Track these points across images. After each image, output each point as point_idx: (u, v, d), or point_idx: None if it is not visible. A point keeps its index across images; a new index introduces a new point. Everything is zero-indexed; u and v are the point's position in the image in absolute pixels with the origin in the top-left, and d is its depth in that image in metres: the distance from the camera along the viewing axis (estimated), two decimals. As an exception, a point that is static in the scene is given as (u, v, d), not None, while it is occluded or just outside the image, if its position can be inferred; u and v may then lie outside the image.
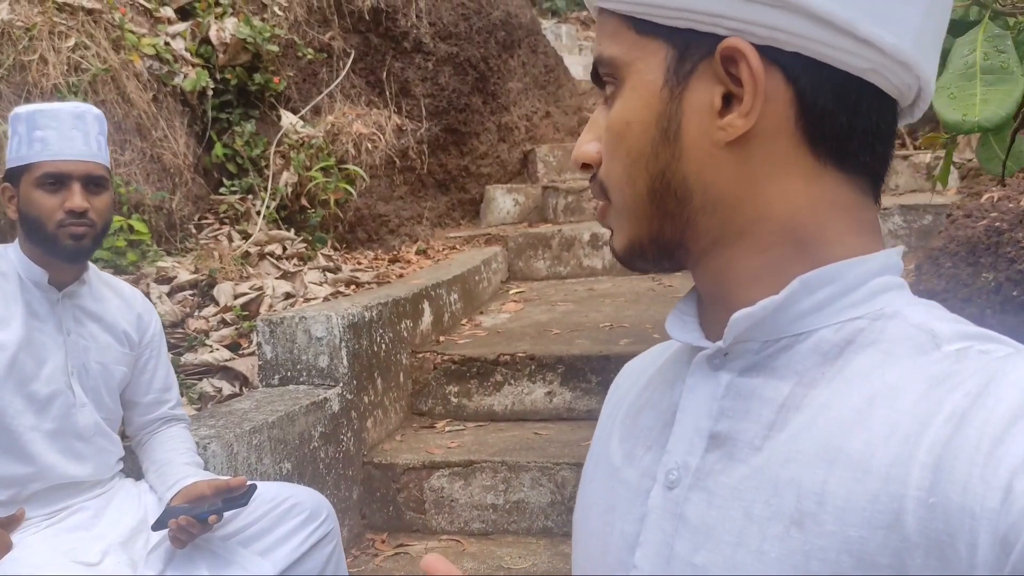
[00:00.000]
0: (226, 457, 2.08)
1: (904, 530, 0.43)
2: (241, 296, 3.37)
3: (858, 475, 0.45)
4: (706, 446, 0.54)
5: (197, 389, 2.78)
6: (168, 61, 3.98)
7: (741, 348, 0.54)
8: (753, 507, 0.49)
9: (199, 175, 4.04)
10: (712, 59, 0.52)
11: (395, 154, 4.31)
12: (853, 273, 0.52)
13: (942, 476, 0.42)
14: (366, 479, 2.68)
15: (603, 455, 0.65)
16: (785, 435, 0.50)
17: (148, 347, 1.90)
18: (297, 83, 4.34)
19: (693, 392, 0.56)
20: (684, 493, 0.54)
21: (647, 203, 0.55)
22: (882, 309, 0.52)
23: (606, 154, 0.58)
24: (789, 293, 0.52)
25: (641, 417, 0.62)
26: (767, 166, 0.52)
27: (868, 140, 0.53)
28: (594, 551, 0.61)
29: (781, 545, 0.47)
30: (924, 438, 0.44)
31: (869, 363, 0.50)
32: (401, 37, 4.50)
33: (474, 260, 3.94)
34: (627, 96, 0.55)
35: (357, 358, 2.69)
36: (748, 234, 0.54)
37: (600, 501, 0.62)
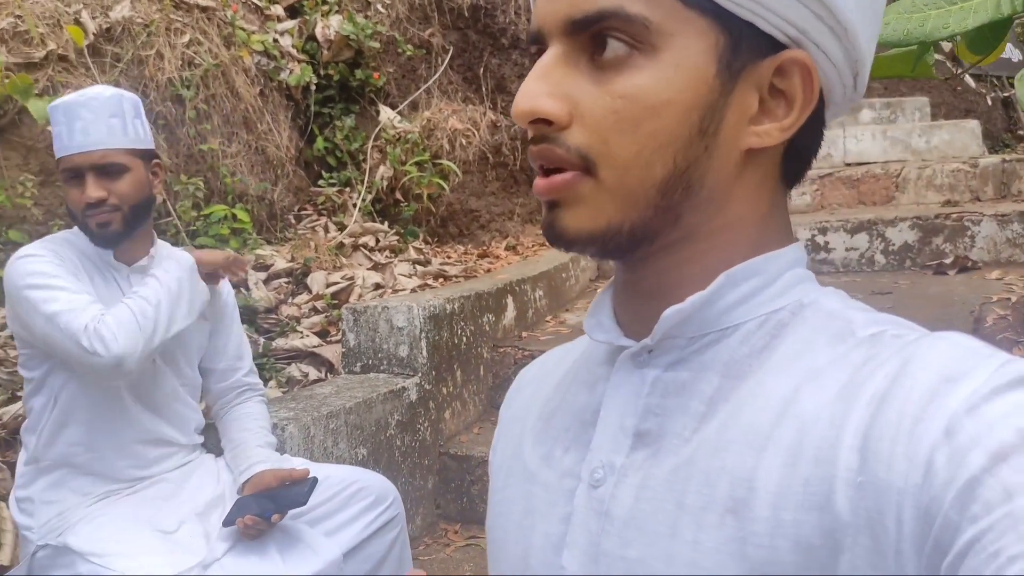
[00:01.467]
0: (303, 440, 2.15)
1: (835, 510, 0.44)
2: (333, 285, 3.47)
3: (789, 460, 0.46)
4: (632, 443, 0.53)
5: (285, 373, 2.89)
6: (275, 57, 4.13)
7: (667, 344, 0.54)
8: (685, 497, 0.49)
9: (300, 167, 4.18)
10: (761, 61, 0.51)
11: (489, 150, 4.36)
12: (772, 266, 0.54)
13: (868, 456, 0.44)
14: (442, 469, 2.72)
15: (514, 461, 0.63)
16: (714, 425, 0.50)
17: (221, 313, 1.98)
18: (396, 79, 4.44)
19: (617, 390, 0.56)
20: (610, 491, 0.53)
21: (655, 192, 0.51)
22: (800, 299, 0.53)
23: (615, 125, 0.50)
24: (716, 287, 0.52)
25: (555, 420, 0.61)
26: (755, 176, 0.54)
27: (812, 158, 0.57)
28: (513, 556, 0.60)
29: (717, 533, 0.47)
30: (849, 420, 0.45)
31: (792, 352, 0.51)
32: (499, 34, 4.54)
33: (562, 257, 3.94)
34: (667, 70, 0.50)
35: (437, 349, 2.73)
36: (718, 235, 0.54)
37: (517, 507, 0.60)
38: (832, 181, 4.61)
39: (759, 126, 0.52)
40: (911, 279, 3.77)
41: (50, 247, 1.73)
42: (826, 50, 0.52)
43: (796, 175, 0.57)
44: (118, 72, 3.50)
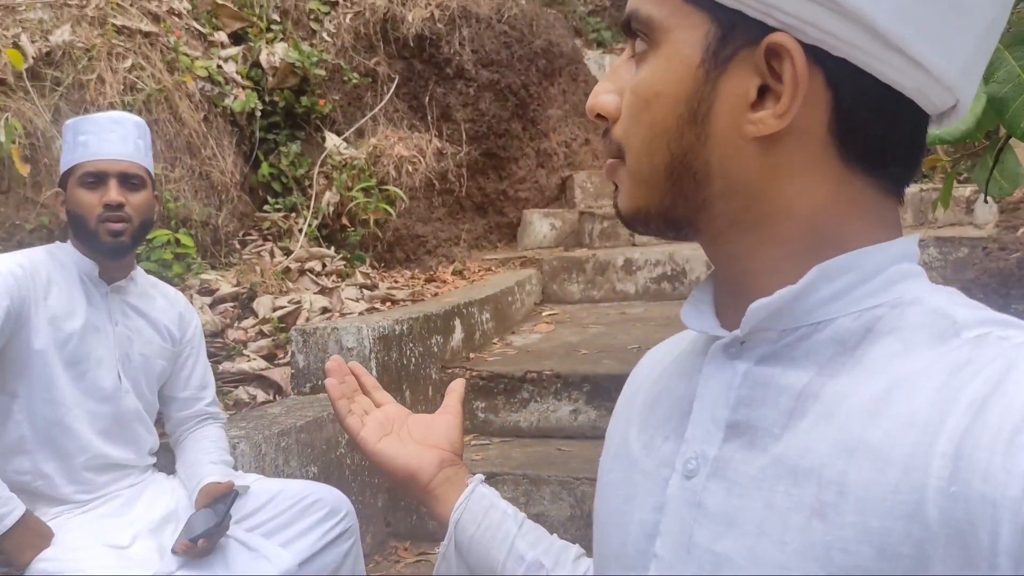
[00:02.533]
0: (254, 457, 2.15)
1: (925, 520, 0.42)
2: (279, 309, 3.47)
3: (878, 465, 0.45)
4: (724, 435, 0.54)
5: (233, 396, 2.88)
6: (220, 83, 4.14)
7: (759, 337, 0.54)
8: (774, 497, 0.49)
9: (245, 193, 4.18)
10: (755, 48, 0.50)
11: (435, 177, 4.42)
12: (871, 261, 0.52)
13: (963, 465, 0.42)
14: (391, 488, 2.73)
15: (621, 445, 0.65)
16: (804, 424, 0.49)
17: (188, 344, 2.01)
18: (342, 106, 4.48)
19: (709, 381, 0.56)
20: (703, 482, 0.53)
21: (663, 178, 0.54)
22: (900, 296, 0.51)
23: (627, 116, 0.56)
24: (807, 283, 0.51)
25: (657, 407, 0.62)
26: (792, 163, 0.52)
27: (900, 152, 0.53)
28: (614, 540, 0.61)
29: (802, 536, 0.47)
30: (944, 427, 0.43)
31: (888, 351, 0.49)
32: (444, 63, 4.62)
33: (508, 281, 4.00)
34: (659, 64, 0.53)
35: (386, 370, 2.76)
36: (765, 225, 0.53)
37: (619, 491, 0.62)
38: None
39: (756, 113, 0.51)
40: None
41: (17, 261, 1.73)
42: (832, 31, 0.49)
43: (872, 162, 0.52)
44: (58, 96, 3.48)
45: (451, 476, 0.79)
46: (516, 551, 0.76)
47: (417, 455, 0.79)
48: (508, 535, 0.76)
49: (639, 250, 4.46)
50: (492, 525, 0.76)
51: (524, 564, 0.75)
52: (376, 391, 0.87)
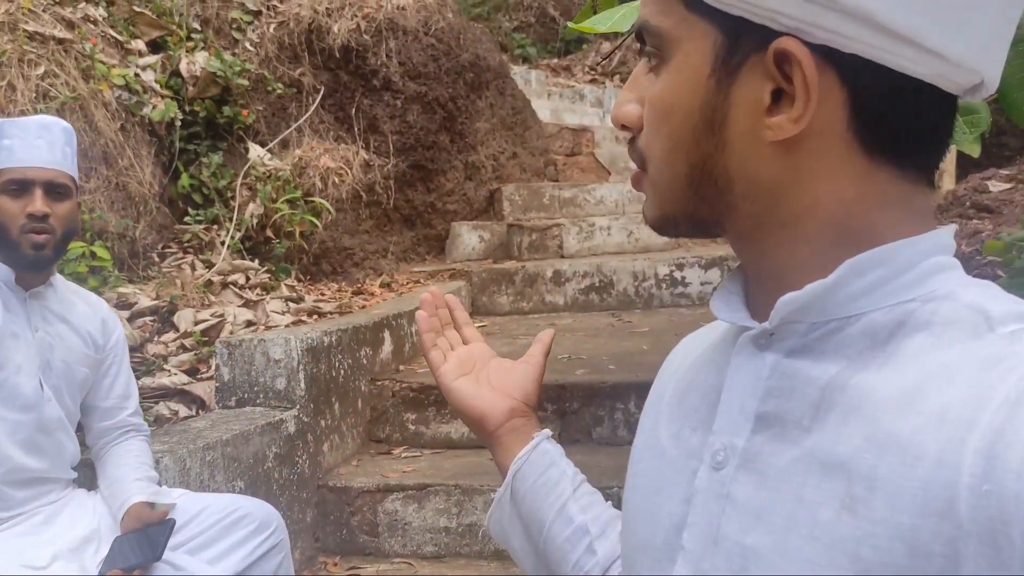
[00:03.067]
0: (178, 472, 2.08)
1: (957, 518, 0.42)
2: (202, 323, 3.38)
3: (909, 460, 0.44)
4: (753, 427, 0.53)
5: (154, 412, 2.78)
6: (137, 92, 4.03)
7: (788, 329, 0.53)
8: (804, 490, 0.48)
9: (164, 204, 4.06)
10: (763, 54, 0.50)
11: (362, 189, 4.37)
12: (903, 255, 0.51)
13: (996, 463, 0.41)
14: (320, 502, 2.68)
15: (651, 436, 0.64)
16: (833, 417, 0.49)
17: (111, 351, 1.94)
18: (266, 117, 4.40)
19: (738, 372, 0.55)
20: (731, 473, 0.53)
21: (685, 187, 0.55)
22: (934, 290, 0.50)
23: (648, 127, 0.56)
24: (838, 277, 0.50)
25: (687, 398, 0.62)
26: (815, 163, 0.51)
27: (924, 139, 0.52)
28: (643, 531, 0.61)
29: (832, 530, 0.46)
30: (977, 423, 0.43)
31: (920, 346, 0.48)
32: (371, 75, 4.59)
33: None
34: (672, 76, 0.54)
35: (315, 382, 2.71)
36: (793, 224, 0.53)
37: (648, 482, 0.62)
38: (689, 220, 4.88)
39: (772, 118, 0.50)
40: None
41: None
42: (837, 30, 0.48)
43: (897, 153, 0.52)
44: (-34, 102, 3.34)
45: (519, 427, 0.81)
46: (566, 512, 0.77)
47: (489, 400, 0.81)
48: (562, 495, 0.78)
49: (567, 262, 4.50)
50: (549, 482, 0.78)
51: (572, 526, 0.77)
52: (466, 327, 0.89)
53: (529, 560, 0.81)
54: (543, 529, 0.78)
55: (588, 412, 2.85)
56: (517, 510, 0.80)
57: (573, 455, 0.83)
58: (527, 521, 0.79)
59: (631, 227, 4.85)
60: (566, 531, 0.77)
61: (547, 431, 0.82)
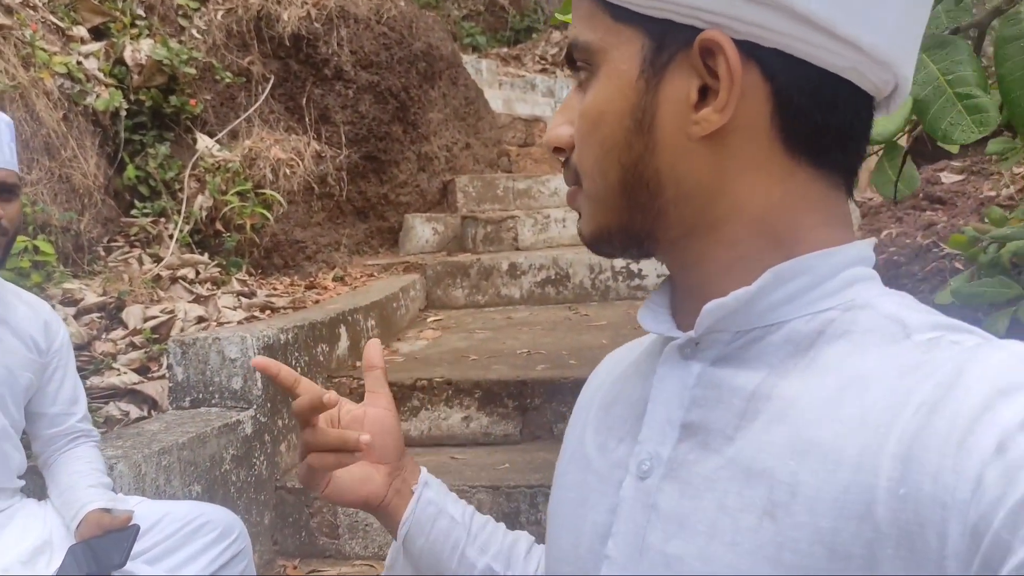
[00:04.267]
0: (133, 478, 2.02)
1: (875, 520, 0.43)
2: (151, 319, 3.29)
3: (829, 466, 0.45)
4: (678, 436, 0.54)
5: (103, 413, 2.70)
6: (80, 80, 3.90)
7: (713, 338, 0.54)
8: (726, 498, 0.49)
9: (110, 197, 3.94)
10: (689, 51, 0.51)
11: (314, 180, 4.30)
12: (825, 264, 0.52)
13: (913, 466, 0.42)
14: (278, 504, 2.63)
15: (577, 448, 0.65)
16: (757, 425, 0.50)
17: (56, 355, 1.86)
18: (214, 106, 4.30)
19: (664, 382, 0.56)
20: (656, 483, 0.54)
21: (618, 194, 0.55)
22: (853, 300, 0.52)
23: (579, 141, 0.57)
24: (761, 284, 0.52)
25: (613, 409, 0.62)
26: (741, 161, 0.52)
27: (842, 138, 0.53)
28: (566, 543, 0.61)
29: (754, 536, 0.47)
30: (895, 428, 0.44)
31: (840, 353, 0.50)
32: (322, 64, 4.51)
33: (392, 287, 3.94)
34: (602, 84, 0.55)
35: (272, 381, 2.65)
36: (720, 227, 0.54)
37: (573, 494, 0.62)
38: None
39: (699, 112, 0.51)
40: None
41: None
42: (758, 22, 0.49)
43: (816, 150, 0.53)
44: (-103, 91, 3.19)
45: (399, 487, 0.76)
46: (467, 559, 0.75)
47: (364, 479, 0.75)
48: (457, 544, 0.75)
49: (523, 254, 4.48)
50: (440, 535, 0.75)
51: (476, 572, 0.75)
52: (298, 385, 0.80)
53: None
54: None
55: (549, 408, 2.85)
56: (416, 568, 0.76)
57: (535, 451, 0.80)
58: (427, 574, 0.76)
59: (585, 219, 4.85)
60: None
61: (423, 475, 0.77)
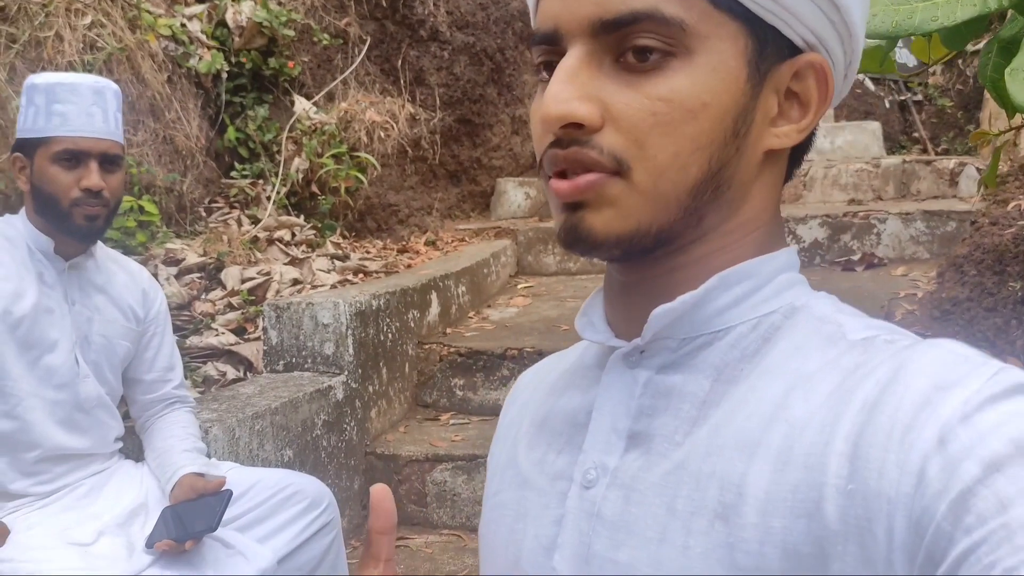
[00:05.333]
0: (227, 442, 2.05)
1: (825, 518, 0.43)
2: (248, 280, 3.35)
3: (778, 466, 0.46)
4: (625, 445, 0.53)
5: (201, 372, 2.76)
6: (184, 43, 3.96)
7: (659, 346, 0.54)
8: (676, 502, 0.49)
9: (211, 158, 4.02)
10: (781, 65, 0.52)
11: (407, 143, 4.28)
12: (766, 269, 0.53)
13: (859, 464, 0.43)
14: (368, 469, 2.65)
15: (509, 466, 0.63)
16: (706, 430, 0.50)
17: (153, 323, 1.88)
18: (311, 69, 4.31)
19: (609, 390, 0.55)
20: (602, 492, 0.53)
21: (688, 193, 0.51)
22: (792, 303, 0.53)
23: (654, 128, 0.49)
24: (708, 288, 0.52)
25: (548, 423, 0.61)
26: (771, 177, 0.55)
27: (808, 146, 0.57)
28: (505, 560, 0.59)
29: (705, 539, 0.47)
30: (840, 427, 0.45)
31: (784, 356, 0.50)
32: (417, 25, 4.46)
33: (483, 253, 3.91)
34: (702, 73, 0.50)
35: (363, 346, 2.66)
36: (730, 235, 0.54)
37: (508, 512, 0.60)
38: (744, 179, 4.73)
39: (778, 128, 0.52)
40: (822, 275, 3.89)
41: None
42: (833, 53, 0.53)
43: (797, 163, 0.58)
44: (14, 54, 3.29)
45: None
46: None
47: None
48: None
49: (617, 221, 4.38)
50: None
51: None
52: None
53: None
54: None
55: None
56: None
57: None
58: None
59: (683, 186, 4.71)
60: None
61: None
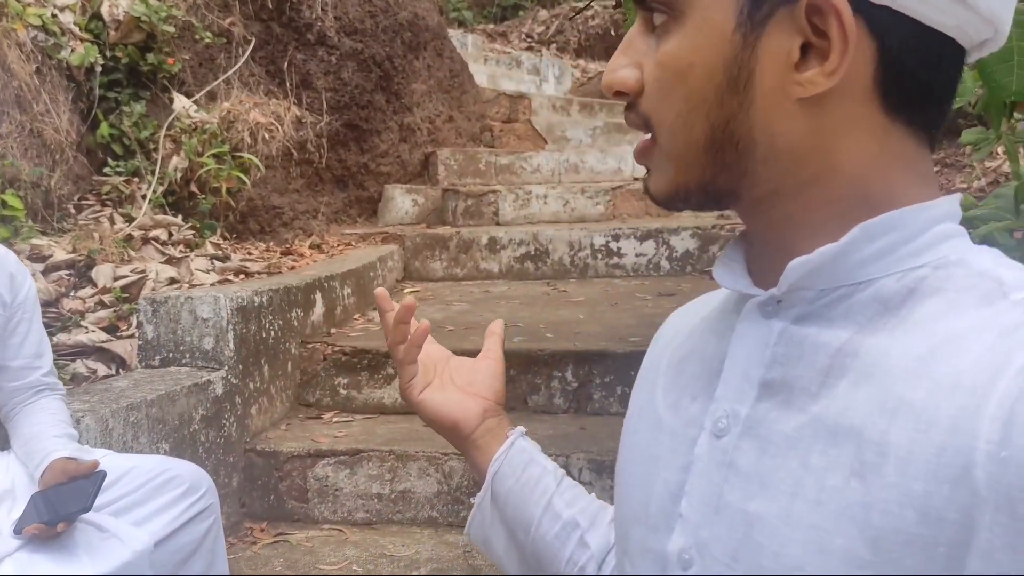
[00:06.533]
0: (100, 432, 1.98)
1: (973, 484, 0.41)
2: (121, 278, 3.23)
3: (921, 426, 0.44)
4: (757, 395, 0.52)
5: (70, 370, 2.64)
6: (55, 34, 3.80)
7: (796, 296, 0.52)
8: (810, 457, 0.47)
9: (82, 154, 3.86)
10: (794, 6, 0.48)
11: (293, 146, 4.23)
12: (915, 221, 0.50)
13: (1015, 429, 0.40)
14: (247, 466, 2.60)
15: (647, 406, 0.63)
16: (844, 383, 0.48)
17: (20, 308, 1.80)
18: (193, 67, 4.21)
19: (743, 339, 0.54)
20: (734, 441, 0.52)
21: (703, 151, 0.52)
22: (945, 256, 0.50)
23: (658, 92, 0.53)
24: (849, 240, 0.50)
25: (686, 367, 0.60)
26: (839, 121, 0.50)
27: (939, 95, 0.52)
28: (637, 502, 0.59)
29: (840, 496, 0.46)
30: (994, 390, 0.42)
31: (933, 312, 0.47)
32: (304, 28, 4.43)
33: (369, 257, 3.90)
34: (690, 33, 0.51)
35: (244, 343, 2.61)
36: (813, 187, 0.51)
37: (644, 452, 0.61)
38: (623, 193, 4.89)
39: (803, 73, 0.49)
40: (692, 283, 4.06)
41: None
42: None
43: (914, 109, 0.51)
44: None
45: (492, 427, 0.78)
46: (553, 508, 0.75)
47: (460, 404, 0.78)
48: (546, 491, 0.75)
49: (503, 229, 4.45)
50: (531, 480, 0.76)
51: (560, 522, 0.74)
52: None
53: (514, 565, 0.78)
54: (531, 528, 0.75)
55: (524, 380, 2.83)
56: (499, 513, 0.77)
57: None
58: (511, 523, 0.77)
59: (567, 196, 4.83)
60: (555, 527, 0.74)
61: (521, 428, 0.79)
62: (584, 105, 6.45)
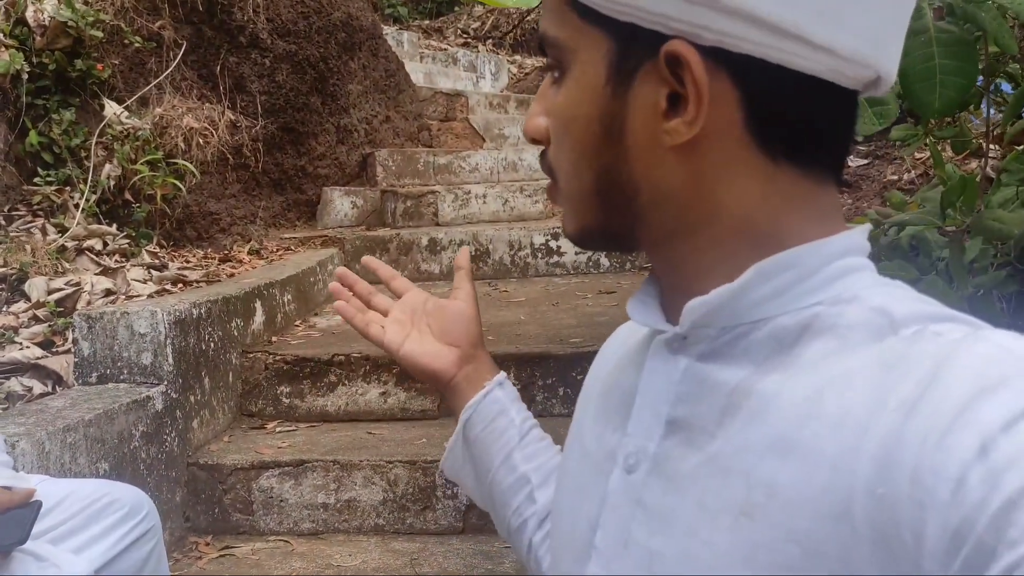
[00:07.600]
0: (37, 456, 1.96)
1: (853, 521, 0.42)
2: (56, 292, 3.18)
3: (808, 467, 0.44)
4: (664, 432, 0.53)
5: (4, 388, 2.60)
6: (-23, 40, 3.70)
7: (700, 333, 0.53)
8: (705, 497, 0.49)
9: (10, 164, 3.77)
10: (656, 59, 0.49)
11: (228, 151, 4.19)
12: (811, 258, 0.51)
13: (891, 467, 0.41)
14: (190, 480, 2.59)
15: (577, 432, 0.66)
16: (737, 423, 0.49)
17: None
18: (123, 72, 4.14)
19: (652, 376, 0.56)
20: (642, 478, 0.54)
21: (593, 196, 0.55)
22: (840, 294, 0.50)
23: (554, 139, 0.57)
24: (744, 281, 0.50)
25: (610, 397, 0.62)
26: (716, 166, 0.51)
27: (823, 135, 0.51)
28: (566, 528, 0.62)
29: (730, 536, 0.47)
30: (873, 428, 0.43)
31: (824, 350, 0.48)
32: (237, 31, 4.38)
33: (309, 261, 3.89)
34: (571, 87, 0.54)
35: (183, 356, 2.60)
36: (701, 230, 0.52)
37: (573, 480, 0.63)
38: (563, 190, 4.94)
39: (669, 122, 0.50)
40: (632, 279, 4.14)
41: None
42: (725, 31, 0.48)
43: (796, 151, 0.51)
44: None
45: (470, 374, 0.83)
46: (511, 461, 0.81)
47: (436, 356, 0.83)
48: (508, 444, 0.82)
49: (443, 230, 4.47)
50: (496, 430, 0.82)
51: (515, 475, 0.81)
52: (394, 281, 0.90)
53: (479, 499, 0.87)
54: (488, 474, 0.82)
55: (466, 383, 2.86)
56: (469, 454, 0.84)
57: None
58: (477, 465, 0.84)
59: (506, 195, 4.86)
60: (509, 478, 0.81)
61: (501, 375, 0.84)
62: (521, 102, 6.48)
